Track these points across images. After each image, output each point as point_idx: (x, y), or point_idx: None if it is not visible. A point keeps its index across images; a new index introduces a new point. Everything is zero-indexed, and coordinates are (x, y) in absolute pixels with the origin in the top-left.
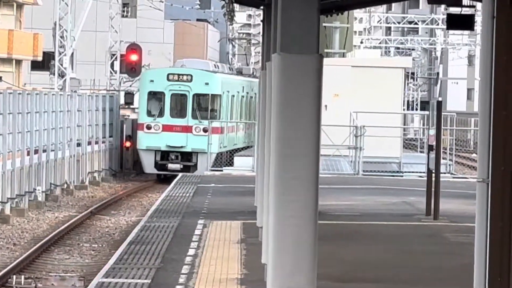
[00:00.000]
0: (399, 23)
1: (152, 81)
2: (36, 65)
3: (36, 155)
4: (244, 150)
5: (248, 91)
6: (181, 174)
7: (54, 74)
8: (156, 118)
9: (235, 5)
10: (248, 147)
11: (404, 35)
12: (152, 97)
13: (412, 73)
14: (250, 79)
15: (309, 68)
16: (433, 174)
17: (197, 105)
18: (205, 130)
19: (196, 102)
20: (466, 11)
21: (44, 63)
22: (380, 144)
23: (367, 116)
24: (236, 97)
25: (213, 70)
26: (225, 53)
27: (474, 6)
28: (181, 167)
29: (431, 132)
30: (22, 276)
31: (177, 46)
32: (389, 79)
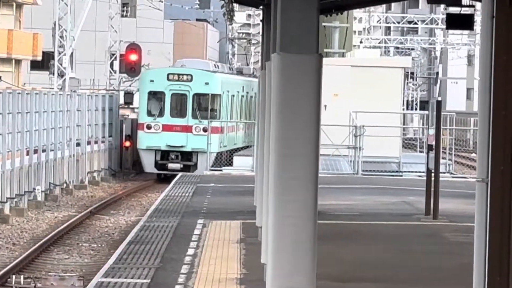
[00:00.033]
0: (399, 23)
1: (152, 81)
2: (35, 65)
3: (35, 155)
4: (244, 149)
5: (248, 90)
6: (180, 174)
7: (54, 74)
8: (156, 118)
9: (234, 4)
10: (248, 146)
11: (404, 35)
12: (152, 97)
13: (412, 73)
14: (250, 79)
15: (309, 68)
16: (433, 174)
17: (197, 105)
18: (205, 130)
19: (196, 102)
20: (466, 11)
21: (43, 63)
22: (380, 144)
23: (367, 116)
24: (236, 97)
25: (213, 70)
26: (225, 53)
27: (473, 6)
28: (181, 166)
29: (430, 132)
30: (22, 276)
31: (177, 46)
32: (389, 79)
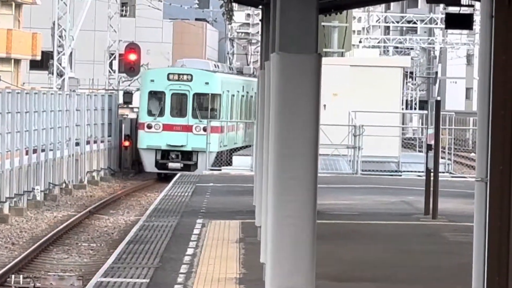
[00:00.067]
0: (398, 22)
1: (152, 81)
2: (34, 65)
3: (34, 155)
4: (244, 149)
5: (248, 90)
6: (179, 174)
7: (53, 74)
8: (157, 117)
9: (233, 4)
10: (248, 146)
11: (403, 35)
12: (152, 96)
13: (411, 73)
14: (250, 79)
15: (308, 67)
16: (432, 174)
17: (197, 105)
18: (205, 130)
19: (196, 102)
20: (465, 10)
21: (42, 63)
22: (379, 143)
23: (366, 115)
24: (236, 97)
25: (213, 70)
26: (224, 53)
27: (472, 5)
28: (181, 166)
29: (429, 132)
30: (21, 276)
31: (176, 46)
32: (388, 78)
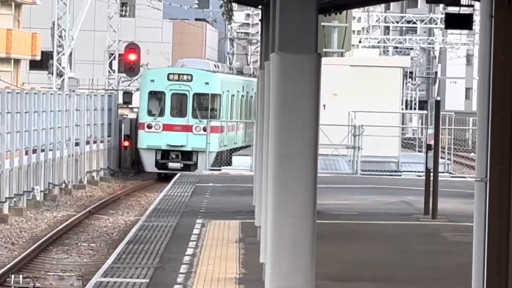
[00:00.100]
0: (398, 22)
1: (152, 81)
2: (34, 65)
3: (34, 155)
4: (244, 149)
5: (248, 90)
6: (179, 174)
7: (53, 74)
8: (157, 117)
9: (233, 4)
10: (249, 146)
11: (403, 35)
12: (152, 96)
13: (411, 73)
14: (250, 79)
15: (308, 67)
16: (432, 174)
17: (197, 105)
18: (205, 130)
19: (196, 102)
20: (465, 10)
21: (42, 63)
22: (379, 143)
23: (366, 115)
24: (236, 97)
25: (213, 70)
26: (224, 53)
27: (472, 5)
28: (181, 166)
29: (429, 132)
30: (20, 276)
31: (176, 46)
32: (388, 78)
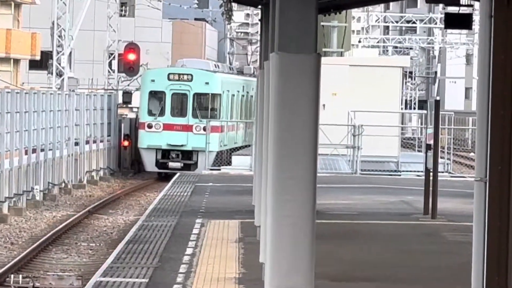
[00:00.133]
0: (397, 22)
1: (153, 81)
2: (34, 64)
3: (34, 154)
4: (244, 148)
5: (248, 90)
6: (178, 174)
7: (52, 73)
8: (157, 117)
9: (233, 4)
10: (249, 145)
11: (402, 34)
12: (153, 96)
13: (410, 72)
14: (250, 79)
15: (307, 67)
16: (431, 173)
17: (198, 104)
18: (205, 129)
19: (196, 102)
20: (464, 10)
21: (42, 62)
22: (378, 143)
23: (365, 115)
24: (236, 96)
25: (213, 70)
26: (223, 53)
27: (472, 5)
28: (181, 165)
29: (429, 131)
30: (20, 275)
31: (175, 45)
32: (387, 78)
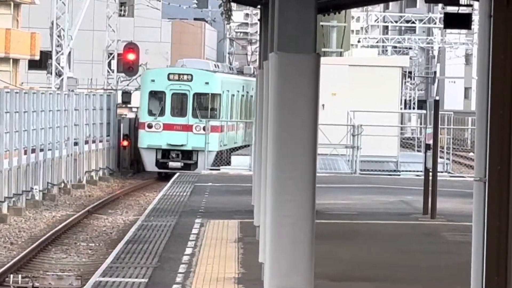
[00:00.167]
0: (397, 22)
1: (153, 81)
2: (33, 64)
3: (33, 154)
4: (244, 148)
5: (248, 90)
6: (178, 173)
7: (52, 73)
8: (157, 117)
9: (232, 4)
10: (249, 145)
11: (402, 34)
12: (153, 96)
13: (410, 72)
14: (249, 79)
15: (306, 67)
16: (431, 173)
17: (198, 104)
18: (205, 129)
19: (196, 101)
20: (463, 10)
21: (41, 62)
22: (378, 143)
23: (365, 115)
24: (236, 96)
25: (213, 70)
26: (223, 52)
27: (471, 5)
28: (181, 165)
29: (428, 131)
30: (19, 275)
31: (175, 45)
32: (387, 78)
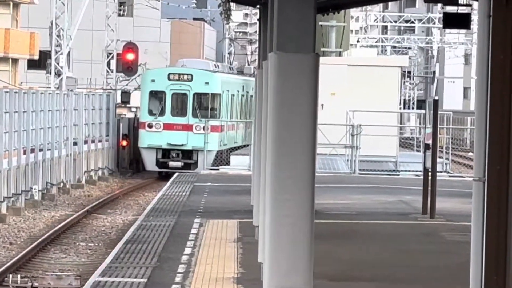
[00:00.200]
0: (396, 22)
1: (153, 81)
2: (32, 64)
3: (32, 154)
4: (244, 148)
5: (248, 90)
6: (177, 173)
7: (51, 73)
8: (158, 117)
9: (231, 4)
10: (248, 145)
11: (401, 34)
12: (153, 96)
13: (409, 72)
14: (249, 78)
15: (306, 67)
16: (430, 173)
17: (198, 104)
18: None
19: (196, 101)
20: (463, 10)
21: (40, 62)
22: (377, 143)
23: (364, 115)
24: (236, 96)
25: (213, 69)
26: (222, 52)
27: (470, 5)
28: (182, 165)
29: (427, 131)
30: (19, 275)
31: (174, 45)
32: (386, 78)
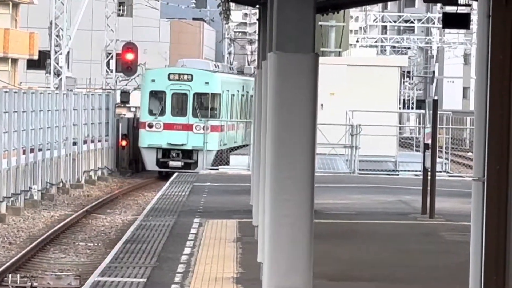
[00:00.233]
0: (395, 22)
1: (153, 81)
2: (32, 64)
3: (32, 154)
4: (244, 147)
5: (248, 90)
6: (176, 173)
7: (50, 73)
8: (158, 116)
9: (230, 4)
10: (248, 145)
11: (400, 34)
12: (153, 96)
13: (408, 72)
14: (249, 78)
15: (305, 67)
16: (429, 173)
17: (198, 104)
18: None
19: (196, 101)
20: (462, 10)
21: (40, 62)
22: (376, 143)
23: (363, 115)
24: (235, 96)
25: (213, 69)
26: (221, 52)
27: (470, 5)
28: (182, 164)
29: (427, 131)
30: (18, 275)
31: (173, 45)
32: (385, 77)
